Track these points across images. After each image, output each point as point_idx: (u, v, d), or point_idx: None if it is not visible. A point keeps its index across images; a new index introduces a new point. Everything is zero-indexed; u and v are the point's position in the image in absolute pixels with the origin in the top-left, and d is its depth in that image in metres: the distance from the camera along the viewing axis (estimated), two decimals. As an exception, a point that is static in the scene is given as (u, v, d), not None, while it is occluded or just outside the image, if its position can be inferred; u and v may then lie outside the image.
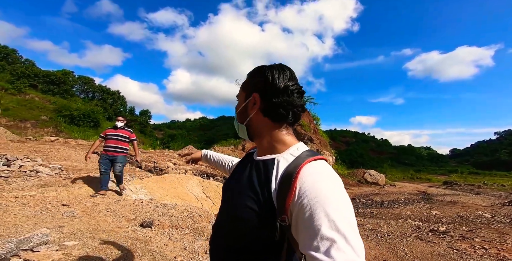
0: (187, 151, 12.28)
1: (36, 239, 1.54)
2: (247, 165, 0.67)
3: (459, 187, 13.97)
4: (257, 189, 0.56)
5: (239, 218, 0.57)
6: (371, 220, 4.57)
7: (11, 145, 7.69)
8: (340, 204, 0.48)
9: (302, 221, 0.47)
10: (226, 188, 0.71)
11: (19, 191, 3.30)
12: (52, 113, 23.26)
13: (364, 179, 13.44)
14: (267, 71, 0.61)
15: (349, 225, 0.45)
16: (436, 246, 2.90)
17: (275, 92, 0.59)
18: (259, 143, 0.66)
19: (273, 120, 0.62)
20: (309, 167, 0.54)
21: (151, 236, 2.39)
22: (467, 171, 39.72)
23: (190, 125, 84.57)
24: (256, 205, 0.55)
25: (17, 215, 2.33)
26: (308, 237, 0.45)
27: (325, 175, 0.53)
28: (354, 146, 72.79)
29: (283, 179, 0.54)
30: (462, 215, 5.17)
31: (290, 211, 0.50)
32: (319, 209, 0.46)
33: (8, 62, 28.03)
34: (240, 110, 0.67)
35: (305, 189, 0.50)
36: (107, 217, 2.78)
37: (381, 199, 7.58)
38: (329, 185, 0.50)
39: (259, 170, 0.60)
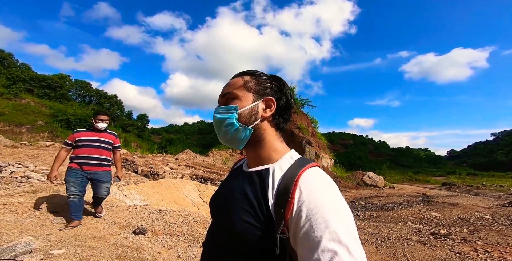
0: (185, 155, 12.18)
1: (19, 248, 1.45)
2: (237, 178, 0.64)
3: (457, 188, 13.95)
4: (253, 202, 0.54)
5: (236, 233, 0.54)
6: (371, 224, 4.49)
7: (4, 151, 7.56)
8: (340, 214, 0.46)
9: (302, 233, 0.46)
10: (215, 203, 0.66)
11: (8, 198, 3.19)
12: (48, 118, 23.08)
13: (363, 181, 13.40)
14: (281, 82, 0.64)
15: (351, 235, 0.44)
16: (438, 250, 2.83)
17: (287, 103, 0.63)
18: (253, 151, 0.62)
19: (277, 128, 0.63)
20: (306, 175, 0.53)
21: (144, 244, 2.30)
22: (465, 172, 39.93)
23: (188, 130, 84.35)
24: (253, 218, 0.52)
25: (3, 222, 2.23)
26: (308, 249, 0.44)
27: (323, 183, 0.52)
28: (352, 149, 73.03)
29: (280, 190, 0.52)
30: (463, 217, 5.11)
31: (290, 223, 0.48)
32: (320, 220, 0.45)
33: (4, 66, 27.86)
34: (246, 111, 0.60)
35: (304, 199, 0.48)
36: (98, 223, 2.69)
37: (381, 202, 7.51)
38: (327, 194, 0.49)
39: (253, 181, 0.58)
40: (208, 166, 9.96)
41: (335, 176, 15.70)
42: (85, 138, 2.66)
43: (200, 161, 10.78)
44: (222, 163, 11.30)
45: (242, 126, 0.60)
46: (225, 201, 0.62)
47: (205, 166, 9.83)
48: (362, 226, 4.29)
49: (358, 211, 6.31)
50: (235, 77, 0.66)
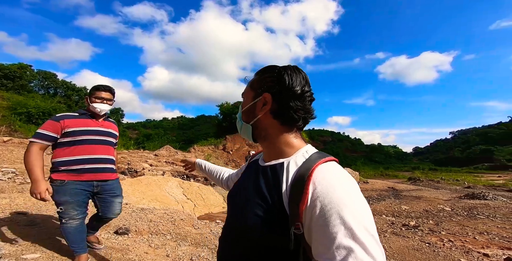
0: (164, 151, 11.70)
1: (-15, 256, 1.29)
2: (252, 172, 0.65)
3: (421, 182, 15.35)
4: (267, 196, 0.53)
5: (249, 227, 0.53)
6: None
7: (-49, 145, 6.63)
8: (356, 209, 0.45)
9: (316, 228, 0.45)
10: (231, 198, 0.68)
11: (-38, 199, 2.82)
12: (5, 111, 20.48)
13: (340, 177, 14.08)
14: (283, 72, 0.59)
15: (368, 233, 0.42)
16: (410, 240, 3.10)
17: (290, 96, 0.57)
18: (265, 146, 0.63)
19: (283, 123, 0.60)
20: (321, 169, 0.51)
21: (129, 244, 2.19)
22: (428, 168, 43.91)
23: (167, 125, 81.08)
24: (266, 213, 0.52)
25: (-40, 227, 1.97)
26: (323, 245, 0.43)
27: (339, 177, 0.50)
28: (330, 145, 76.33)
29: (294, 184, 0.51)
30: (428, 209, 5.64)
31: (304, 218, 0.47)
32: (335, 215, 0.43)
33: None
34: (246, 110, 0.64)
35: (318, 193, 0.47)
36: (75, 225, 2.49)
37: (357, 196, 7.99)
38: (344, 188, 0.47)
39: (267, 176, 0.57)
40: (190, 163, 9.72)
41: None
42: (85, 128, 1.63)
43: (181, 157, 10.47)
44: (205, 159, 11.10)
45: (244, 123, 0.65)
46: (240, 195, 0.63)
47: (186, 163, 9.58)
48: None
49: None
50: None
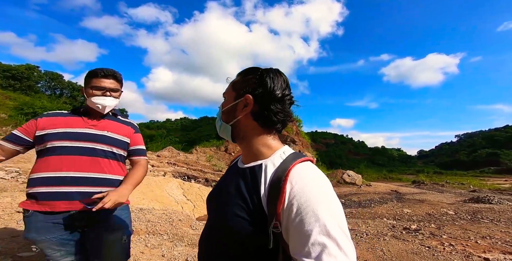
0: (167, 152, 11.76)
1: (-18, 254, 1.31)
2: (233, 174, 0.66)
3: (425, 186, 15.11)
4: (246, 197, 0.55)
5: (229, 227, 0.55)
6: (351, 220, 4.72)
7: (-42, 144, 6.76)
8: (331, 207, 0.47)
9: (293, 226, 0.47)
10: (212, 198, 0.69)
11: (-34, 197, 2.88)
12: (12, 111, 20.96)
13: (343, 179, 13.95)
14: (265, 75, 0.59)
15: (341, 230, 0.45)
16: (410, 244, 3.05)
17: (271, 99, 0.58)
18: (244, 147, 0.65)
19: (262, 125, 0.61)
20: (297, 170, 0.53)
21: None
22: (432, 171, 43.33)
23: (170, 126, 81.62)
24: (246, 213, 0.53)
25: (-40, 225, 2.01)
26: (299, 243, 0.45)
27: (314, 177, 0.52)
28: (333, 148, 75.87)
29: (272, 184, 0.52)
30: (430, 213, 5.55)
31: (282, 217, 0.49)
32: (310, 213, 0.45)
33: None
34: (227, 110, 0.64)
35: (295, 193, 0.49)
36: (73, 224, 2.52)
37: (359, 199, 7.91)
38: (319, 188, 0.50)
39: (246, 177, 0.59)
40: (191, 163, 9.75)
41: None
42: (63, 130, 1.12)
43: (183, 158, 10.51)
44: (206, 160, 11.13)
45: (223, 123, 0.65)
46: (220, 196, 0.64)
47: (188, 163, 9.61)
48: None
49: None
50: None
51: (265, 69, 0.62)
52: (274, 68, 0.63)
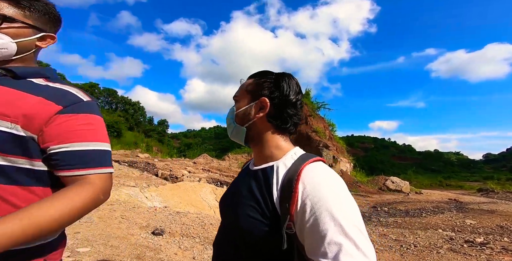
0: (202, 159, 12.48)
1: (49, 245, 1.57)
2: (245, 176, 0.67)
3: (496, 194, 12.60)
4: (259, 198, 0.55)
5: (242, 228, 0.55)
6: (395, 230, 4.23)
7: (41, 155, 8.31)
8: (345, 206, 0.47)
9: (307, 226, 0.46)
10: (224, 200, 0.69)
11: (44, 198, 3.50)
12: (79, 125, 24.97)
13: (386, 186, 12.72)
14: (281, 79, 0.62)
15: (357, 228, 0.44)
16: (473, 259, 2.58)
17: (287, 103, 0.61)
18: (257, 149, 0.65)
19: (276, 127, 0.62)
20: (309, 169, 0.53)
21: (161, 244, 2.37)
22: (505, 177, 36.11)
23: (205, 134, 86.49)
24: (259, 214, 0.53)
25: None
26: (315, 243, 0.44)
27: (326, 176, 0.52)
28: (373, 152, 69.75)
29: (284, 184, 0.52)
30: (503, 225, 4.60)
31: (295, 217, 0.49)
32: (324, 213, 0.45)
33: None
34: (241, 112, 0.65)
35: (307, 192, 0.49)
36: (121, 223, 2.83)
37: (406, 208, 7.06)
38: (332, 186, 0.50)
39: (259, 178, 0.59)
40: (224, 170, 10.09)
41: (355, 180, 15.07)
42: None
43: (216, 165, 10.97)
44: (238, 166, 11.39)
45: (237, 126, 0.65)
46: (232, 199, 0.64)
47: (221, 170, 9.98)
48: (385, 232, 4.06)
49: (381, 216, 6.01)
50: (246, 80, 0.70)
51: (279, 73, 0.65)
52: (287, 73, 0.65)
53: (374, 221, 5.46)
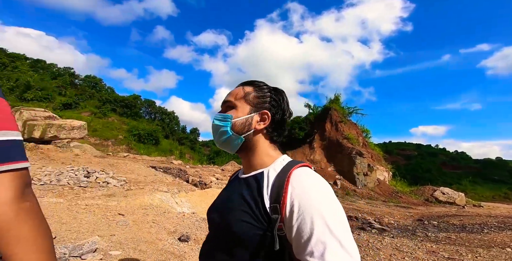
0: (230, 166, 12.74)
1: (86, 246, 1.73)
2: (234, 185, 0.69)
3: None
4: (251, 202, 0.57)
5: (236, 234, 0.56)
6: (448, 247, 3.66)
7: (93, 160, 9.43)
8: (331, 208, 0.49)
9: (295, 227, 0.48)
10: (215, 209, 0.69)
11: (90, 200, 3.92)
12: (125, 133, 28.01)
13: (434, 198, 11.24)
14: (280, 95, 0.67)
15: (342, 228, 0.46)
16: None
17: (285, 117, 0.67)
18: (247, 158, 0.67)
19: (270, 139, 0.67)
20: (297, 173, 0.56)
21: (186, 251, 2.42)
22: None
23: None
24: (252, 218, 0.55)
25: (82, 221, 2.73)
26: (302, 242, 0.46)
27: (313, 180, 0.55)
28: (417, 160, 62.41)
29: (275, 187, 0.55)
30: None
31: (285, 218, 0.51)
32: (312, 214, 0.47)
33: (96, 90, 35.51)
34: (240, 121, 0.65)
35: (296, 194, 0.51)
36: (151, 228, 2.99)
37: (461, 222, 6.10)
38: (319, 190, 0.52)
39: (250, 184, 0.61)
40: (252, 177, 10.11)
41: (395, 190, 13.63)
42: None
43: (244, 171, 11.07)
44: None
45: (235, 135, 0.65)
46: (223, 206, 0.65)
47: (249, 176, 10.01)
48: (435, 249, 3.55)
49: (429, 231, 5.30)
50: (239, 86, 0.70)
51: (276, 88, 0.69)
52: (281, 89, 0.70)
53: (420, 236, 4.82)
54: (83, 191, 4.90)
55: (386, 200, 11.82)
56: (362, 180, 13.89)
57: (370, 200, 11.40)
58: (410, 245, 4.04)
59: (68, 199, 3.82)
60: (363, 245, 4.04)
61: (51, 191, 4.47)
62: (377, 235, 4.87)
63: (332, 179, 14.04)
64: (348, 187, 13.37)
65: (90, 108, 29.59)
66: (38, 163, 7.22)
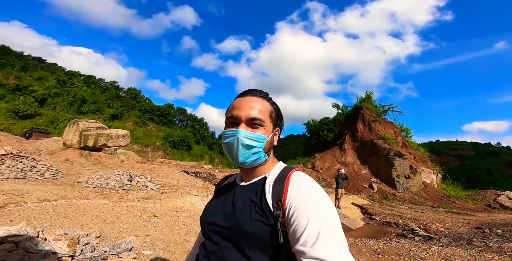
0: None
1: (123, 245, 1.94)
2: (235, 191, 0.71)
3: None
4: (258, 202, 0.62)
5: (248, 232, 0.60)
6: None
7: (135, 165, 10.44)
8: (324, 204, 0.56)
9: (292, 219, 0.54)
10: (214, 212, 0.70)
11: (131, 202, 4.35)
12: (162, 140, 30.46)
13: (499, 203, 9.68)
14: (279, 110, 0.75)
15: (334, 222, 0.52)
16: None
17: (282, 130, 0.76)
18: (256, 169, 0.71)
19: (274, 150, 0.74)
20: (295, 174, 0.65)
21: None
22: None
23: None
24: (261, 216, 0.60)
25: (123, 222, 3.04)
26: (297, 233, 0.51)
27: (308, 181, 0.63)
28: (474, 160, 54.07)
29: (276, 187, 0.62)
30: None
31: (286, 214, 0.57)
32: (307, 208, 0.54)
33: (137, 101, 39.38)
34: (268, 141, 0.69)
35: (295, 191, 0.59)
36: (181, 230, 3.19)
37: (533, 236, 5.12)
38: (314, 189, 0.60)
39: (254, 189, 0.67)
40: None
41: (446, 194, 12.08)
42: None
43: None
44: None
45: (264, 154, 0.68)
46: (229, 210, 0.67)
47: (277, 180, 9.94)
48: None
49: (490, 240, 4.61)
50: (260, 98, 0.69)
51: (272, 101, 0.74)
52: None
53: (478, 246, 4.20)
54: (126, 193, 5.47)
55: (434, 205, 10.55)
56: (403, 183, 12.63)
57: (414, 205, 10.28)
58: (464, 255, 3.53)
59: (113, 201, 4.30)
60: (403, 253, 3.66)
61: (100, 193, 5.10)
62: (422, 243, 4.36)
63: (366, 182, 13.06)
64: (386, 190, 12.29)
65: (133, 118, 32.98)
66: (92, 168, 8.30)
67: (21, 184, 4.70)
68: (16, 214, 2.71)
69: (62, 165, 7.58)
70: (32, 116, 24.05)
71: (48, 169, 6.20)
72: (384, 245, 4.13)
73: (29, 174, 5.50)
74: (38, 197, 3.89)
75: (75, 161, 8.87)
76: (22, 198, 3.71)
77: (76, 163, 8.61)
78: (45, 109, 26.76)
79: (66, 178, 6.11)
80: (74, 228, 2.50)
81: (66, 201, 3.77)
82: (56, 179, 5.77)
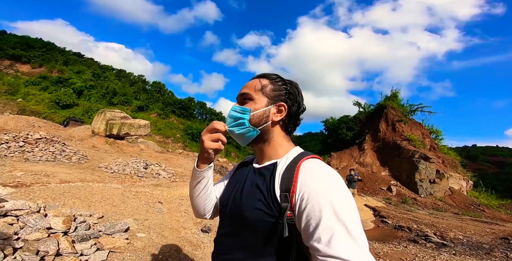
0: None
1: (118, 226, 2.08)
2: (248, 174, 0.71)
3: None
4: (264, 191, 0.60)
5: (249, 221, 0.59)
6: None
7: (154, 154, 11.04)
8: (340, 195, 0.49)
9: (304, 214, 0.50)
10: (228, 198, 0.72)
11: (141, 188, 4.64)
12: (182, 132, 31.71)
13: (536, 220, 8.59)
14: (295, 87, 0.70)
15: (350, 216, 0.46)
16: None
17: (300, 110, 0.70)
18: (262, 149, 0.70)
19: (286, 130, 0.70)
20: (307, 162, 0.59)
21: (204, 242, 2.60)
22: None
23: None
24: (264, 206, 0.58)
25: (128, 205, 3.26)
26: (311, 229, 0.47)
27: (323, 169, 0.56)
28: (517, 167, 48.21)
29: (285, 176, 0.58)
30: None
31: (294, 206, 0.53)
32: (321, 201, 0.48)
33: (161, 94, 41.25)
34: (258, 114, 0.66)
35: (306, 182, 0.53)
36: (181, 217, 3.33)
37: None
38: (329, 178, 0.53)
39: (263, 174, 0.65)
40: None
41: (475, 202, 11.05)
42: None
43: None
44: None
45: (251, 127, 0.66)
46: (238, 194, 0.68)
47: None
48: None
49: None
50: (254, 79, 0.72)
51: (290, 80, 0.70)
52: (295, 81, 0.71)
53: (496, 256, 3.86)
54: (139, 180, 5.84)
55: (459, 212, 9.73)
56: (427, 187, 11.75)
57: (436, 211, 9.56)
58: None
59: (125, 186, 4.62)
60: (407, 259, 3.46)
61: (116, 178, 5.50)
62: (432, 250, 4.07)
63: (385, 184, 12.38)
64: (406, 194, 11.56)
65: (156, 110, 34.68)
66: (114, 155, 8.96)
67: (49, 166, 5.25)
68: (37, 193, 3.05)
69: (88, 150, 8.29)
70: (70, 106, 26.56)
71: (75, 154, 6.83)
72: (389, 249, 3.92)
73: (58, 157, 6.11)
74: (61, 179, 4.31)
75: (100, 147, 9.64)
76: (47, 179, 4.15)
77: (101, 149, 9.36)
78: (82, 100, 29.39)
79: (90, 162, 6.68)
80: (82, 209, 2.74)
81: (83, 183, 4.13)
82: (81, 163, 6.35)
